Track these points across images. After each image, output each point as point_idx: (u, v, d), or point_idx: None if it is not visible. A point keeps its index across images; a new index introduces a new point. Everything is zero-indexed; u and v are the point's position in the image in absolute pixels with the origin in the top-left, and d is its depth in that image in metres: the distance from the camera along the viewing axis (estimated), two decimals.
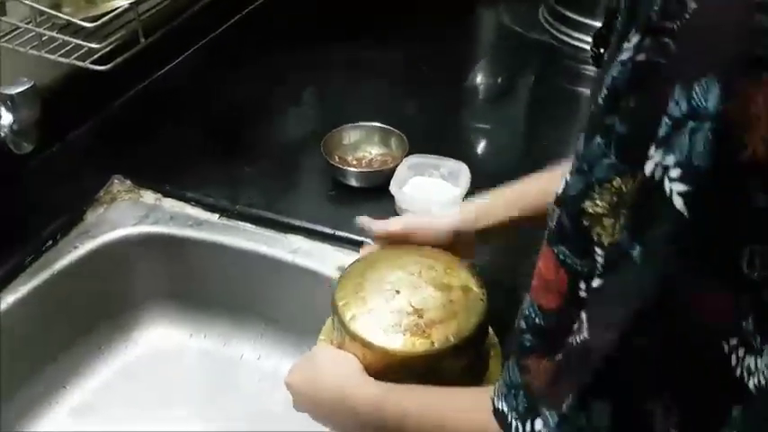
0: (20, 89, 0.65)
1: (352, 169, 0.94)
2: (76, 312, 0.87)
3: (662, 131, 0.35)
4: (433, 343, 0.61)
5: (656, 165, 0.35)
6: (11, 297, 0.80)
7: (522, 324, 0.46)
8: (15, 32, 0.87)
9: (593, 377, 0.39)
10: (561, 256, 0.42)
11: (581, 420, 0.39)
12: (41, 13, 0.87)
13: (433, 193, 0.90)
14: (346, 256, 0.85)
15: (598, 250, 0.40)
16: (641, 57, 0.36)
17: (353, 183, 0.94)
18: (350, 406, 0.59)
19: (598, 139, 0.39)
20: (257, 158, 1.01)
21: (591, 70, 1.27)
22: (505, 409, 0.46)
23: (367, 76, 1.22)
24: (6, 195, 0.88)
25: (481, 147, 1.11)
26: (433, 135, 1.06)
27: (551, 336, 0.44)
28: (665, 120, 0.35)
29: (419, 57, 1.27)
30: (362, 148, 0.99)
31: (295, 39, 1.29)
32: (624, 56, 0.37)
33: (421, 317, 0.63)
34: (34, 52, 0.86)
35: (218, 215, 0.91)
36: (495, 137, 1.14)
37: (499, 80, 1.34)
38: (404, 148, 0.95)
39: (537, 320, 0.44)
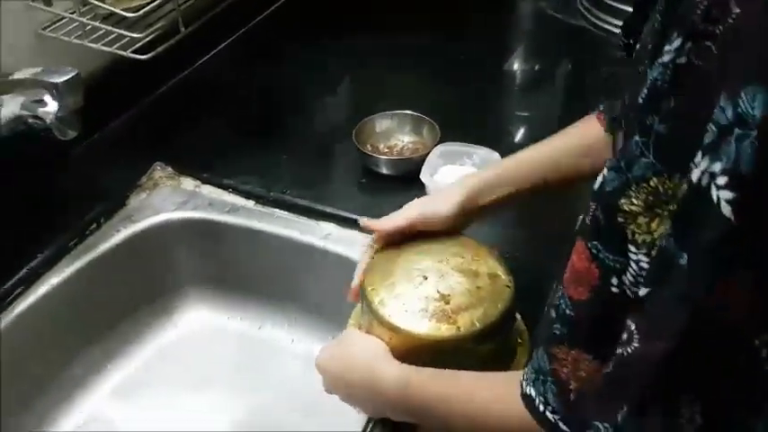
0: (65, 78, 0.67)
1: (382, 157, 0.95)
2: (118, 295, 0.91)
3: (708, 139, 0.35)
4: (458, 328, 0.62)
5: (703, 172, 0.36)
6: (55, 279, 0.83)
7: (552, 313, 0.47)
8: (60, 22, 0.91)
9: (648, 386, 0.39)
10: (594, 251, 0.43)
11: (635, 429, 0.40)
12: (84, 3, 0.90)
13: None
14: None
15: (632, 248, 0.41)
16: (682, 60, 0.37)
17: (384, 171, 0.95)
18: (377, 386, 0.61)
19: (636, 138, 0.39)
20: (292, 147, 1.03)
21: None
22: (533, 394, 0.48)
23: (402, 63, 1.23)
24: (52, 180, 0.91)
25: (516, 135, 1.10)
26: (466, 123, 1.06)
27: (580, 327, 0.45)
28: (711, 127, 0.35)
29: (455, 44, 1.27)
30: (394, 136, 1.00)
31: (328, 28, 1.30)
32: (665, 58, 0.38)
33: (447, 303, 0.64)
34: (78, 41, 0.89)
35: (253, 202, 0.93)
36: (531, 125, 1.13)
37: (536, 67, 1.33)
38: (435, 136, 0.95)
39: (567, 311, 0.45)
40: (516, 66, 1.29)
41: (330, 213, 0.90)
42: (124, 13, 0.87)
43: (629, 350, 0.40)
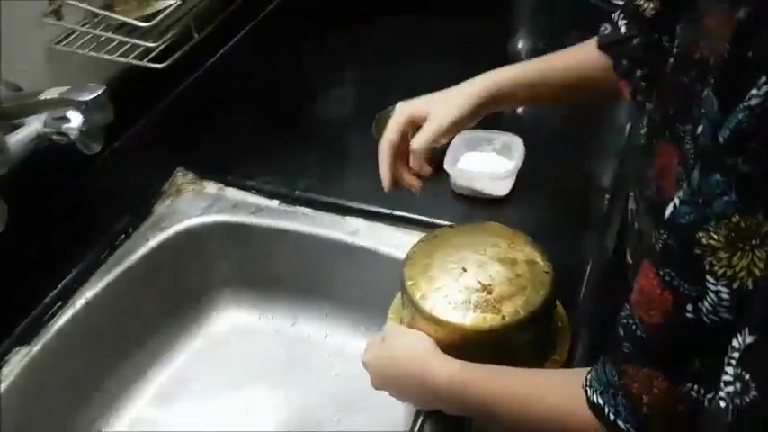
0: (93, 95, 0.67)
1: None
2: (152, 302, 0.91)
3: None
4: (504, 317, 0.63)
5: None
6: (90, 292, 0.84)
7: (621, 331, 0.48)
8: (72, 36, 0.91)
9: None
10: (667, 278, 0.44)
11: None
12: (95, 14, 0.90)
13: (487, 167, 0.91)
14: (405, 235, 0.87)
15: (710, 278, 0.42)
16: None
17: None
18: (429, 381, 0.62)
19: (717, 177, 0.40)
20: (312, 143, 1.03)
21: None
22: (602, 403, 0.49)
23: (410, 53, 1.22)
24: (77, 194, 0.92)
25: (530, 117, 1.10)
26: None
27: (653, 348, 0.46)
28: None
29: (461, 30, 1.26)
30: None
31: (334, 21, 1.29)
32: (753, 102, 0.38)
33: (490, 293, 0.65)
34: (93, 54, 0.89)
35: (278, 201, 0.94)
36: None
37: (541, 45, 1.32)
38: None
39: (638, 332, 0.47)
40: (521, 45, 1.29)
41: (356, 208, 0.91)
42: (137, 23, 0.86)
43: (749, 399, 0.40)
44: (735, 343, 0.41)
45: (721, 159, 0.40)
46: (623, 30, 0.72)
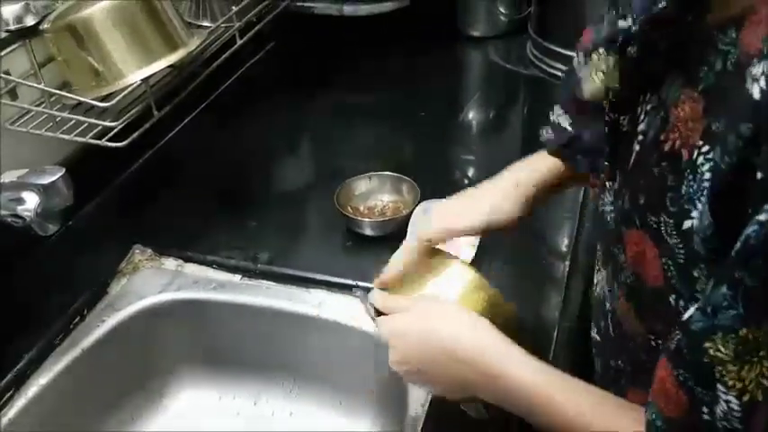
0: (52, 179, 0.66)
1: (366, 220, 0.96)
2: (107, 385, 0.88)
3: None
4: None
5: None
6: (43, 379, 0.81)
7: (647, 415, 0.47)
8: (28, 115, 0.90)
9: None
10: (681, 378, 0.43)
11: None
12: (51, 94, 0.89)
13: None
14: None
15: (721, 387, 0.41)
16: None
17: (368, 232, 0.95)
18: (489, 374, 0.55)
19: (724, 289, 0.40)
20: (272, 215, 1.02)
21: None
22: None
23: (365, 122, 1.25)
24: (30, 276, 0.89)
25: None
26: (439, 176, 1.08)
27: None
28: None
29: (415, 100, 1.30)
30: (373, 196, 1.01)
31: (289, 92, 1.31)
32: (762, 217, 0.38)
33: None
34: (50, 134, 0.88)
35: (240, 276, 0.93)
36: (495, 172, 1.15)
37: (491, 115, 1.37)
38: (415, 194, 0.97)
39: (657, 422, 0.46)
40: (471, 116, 1.33)
41: (320, 280, 0.90)
42: (96, 103, 0.86)
43: None
44: None
45: (730, 272, 0.40)
46: (569, 128, 0.69)
